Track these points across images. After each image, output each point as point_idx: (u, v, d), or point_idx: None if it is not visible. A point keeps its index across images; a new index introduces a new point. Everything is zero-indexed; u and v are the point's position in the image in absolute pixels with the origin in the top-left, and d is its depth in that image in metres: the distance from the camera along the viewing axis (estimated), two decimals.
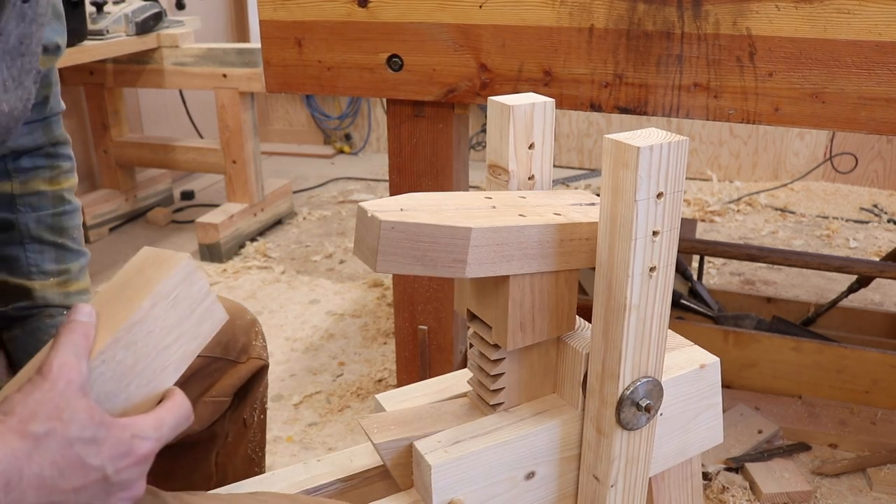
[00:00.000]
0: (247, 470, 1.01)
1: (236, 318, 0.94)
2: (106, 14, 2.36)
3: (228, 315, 0.90)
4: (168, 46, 2.55)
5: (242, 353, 0.94)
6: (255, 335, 0.97)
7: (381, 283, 2.34)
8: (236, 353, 0.94)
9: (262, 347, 0.97)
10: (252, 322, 0.97)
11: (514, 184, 0.75)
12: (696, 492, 0.84)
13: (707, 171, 3.34)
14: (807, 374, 1.63)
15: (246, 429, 0.99)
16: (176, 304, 0.55)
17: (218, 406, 0.93)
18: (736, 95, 1.07)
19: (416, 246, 0.59)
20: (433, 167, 1.30)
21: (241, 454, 1.00)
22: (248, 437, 1.00)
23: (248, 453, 1.01)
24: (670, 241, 0.63)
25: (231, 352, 0.93)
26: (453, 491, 0.67)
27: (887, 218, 2.87)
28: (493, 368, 0.71)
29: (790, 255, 1.77)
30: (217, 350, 0.91)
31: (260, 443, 1.03)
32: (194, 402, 0.90)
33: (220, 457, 0.98)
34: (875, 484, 1.43)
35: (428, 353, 1.46)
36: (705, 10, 1.04)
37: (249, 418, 0.99)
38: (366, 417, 0.73)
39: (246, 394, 0.97)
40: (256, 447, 1.03)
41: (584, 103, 1.16)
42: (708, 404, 0.79)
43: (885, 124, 1.02)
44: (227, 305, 0.95)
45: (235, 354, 0.93)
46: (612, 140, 0.60)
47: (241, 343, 0.94)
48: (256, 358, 0.95)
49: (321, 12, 1.24)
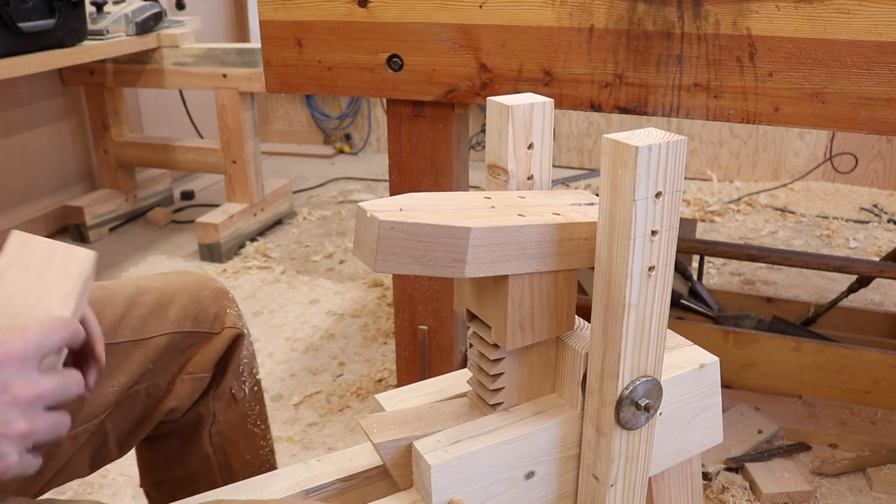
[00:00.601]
0: (250, 444, 0.99)
1: (202, 288, 0.92)
2: (106, 14, 2.36)
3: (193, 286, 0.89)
4: (168, 46, 2.55)
5: (216, 324, 0.92)
6: (229, 303, 0.94)
7: (381, 283, 2.34)
8: (209, 325, 0.91)
9: (237, 315, 0.95)
10: (220, 291, 0.94)
11: (514, 184, 0.75)
12: (696, 492, 0.84)
13: (707, 171, 3.34)
14: (807, 374, 1.63)
15: (237, 402, 0.97)
16: (25, 266, 0.60)
17: (198, 383, 0.91)
18: (736, 95, 1.07)
19: (415, 246, 0.59)
20: (433, 167, 1.30)
21: (240, 430, 0.98)
22: (243, 410, 0.98)
23: (247, 427, 0.98)
24: (669, 241, 0.63)
25: (203, 324, 0.91)
26: (453, 491, 0.67)
27: (887, 218, 2.87)
28: (492, 368, 0.71)
29: (790, 255, 1.77)
30: (187, 324, 0.89)
31: (260, 415, 1.00)
32: (171, 380, 0.89)
33: (214, 436, 0.96)
34: (875, 484, 1.43)
35: (428, 353, 1.46)
36: (705, 10, 1.04)
37: (239, 391, 0.96)
38: (366, 417, 0.73)
39: (226, 366, 0.94)
40: (256, 419, 1.00)
41: (584, 103, 1.16)
42: (707, 404, 0.79)
43: (885, 124, 1.02)
44: (190, 277, 0.94)
45: (208, 326, 0.91)
46: (611, 140, 0.60)
47: (213, 313, 0.92)
48: (231, 327, 0.93)
49: (321, 12, 1.24)
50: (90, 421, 0.81)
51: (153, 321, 0.86)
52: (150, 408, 0.88)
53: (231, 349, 0.94)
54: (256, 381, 0.99)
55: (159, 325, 0.87)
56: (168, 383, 0.89)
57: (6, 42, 1.90)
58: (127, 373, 0.83)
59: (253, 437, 0.99)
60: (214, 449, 0.97)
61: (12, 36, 1.91)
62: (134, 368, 0.84)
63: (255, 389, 0.99)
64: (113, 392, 0.82)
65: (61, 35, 2.09)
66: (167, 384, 0.89)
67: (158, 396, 0.89)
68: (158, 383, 0.88)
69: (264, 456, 1.01)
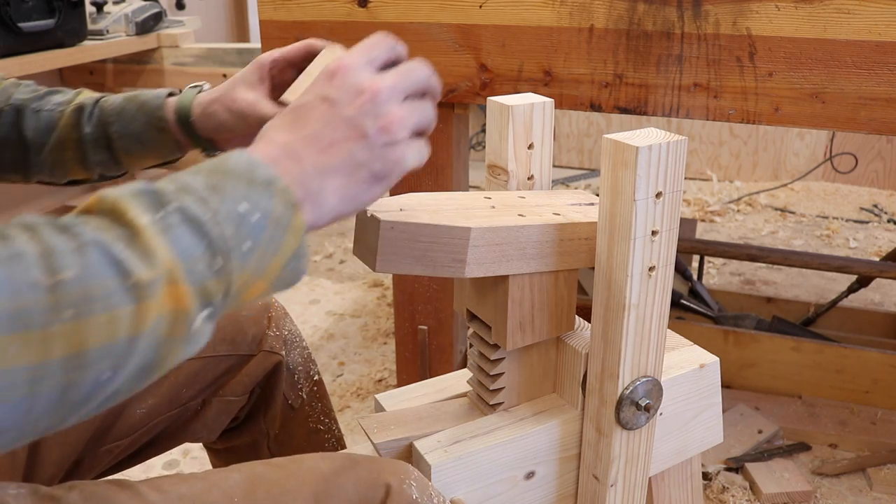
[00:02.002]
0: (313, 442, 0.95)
1: (242, 308, 0.88)
2: (106, 14, 2.36)
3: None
4: (168, 46, 2.55)
5: (254, 345, 0.89)
6: (270, 322, 0.90)
7: (381, 283, 2.34)
8: (247, 347, 0.88)
9: (276, 338, 0.90)
10: (262, 309, 0.90)
11: (514, 184, 0.75)
12: (696, 492, 0.84)
13: (707, 171, 3.34)
14: (807, 374, 1.63)
15: (295, 411, 0.93)
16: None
17: (229, 406, 0.89)
18: (736, 95, 1.07)
19: (415, 246, 0.59)
20: (433, 167, 1.30)
21: (301, 433, 0.94)
22: (303, 414, 0.94)
23: (309, 428, 0.95)
24: (669, 241, 0.63)
25: (240, 346, 0.88)
26: (453, 491, 0.67)
27: (887, 218, 2.87)
28: (492, 368, 0.71)
29: (790, 255, 1.77)
30: (223, 347, 0.86)
31: (322, 410, 0.96)
32: (201, 403, 0.87)
33: (274, 449, 0.94)
34: (875, 484, 1.43)
35: (428, 353, 1.46)
36: (705, 10, 1.04)
37: (296, 399, 0.92)
38: (366, 417, 0.73)
39: (269, 392, 0.91)
40: (319, 416, 0.95)
41: (584, 103, 1.16)
42: (707, 404, 0.79)
43: (885, 124, 1.02)
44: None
45: (246, 348, 0.88)
46: (611, 140, 0.60)
47: (251, 334, 0.89)
48: (268, 351, 0.89)
49: (321, 12, 1.24)
50: (120, 440, 0.81)
51: None
52: (176, 429, 0.87)
53: (271, 375, 0.91)
54: (315, 383, 0.95)
55: None
56: (197, 406, 0.87)
57: (6, 42, 1.90)
58: (157, 395, 0.82)
59: (316, 434, 0.96)
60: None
61: (12, 36, 1.91)
62: (165, 391, 0.83)
63: (314, 390, 0.95)
64: (140, 414, 0.81)
65: (61, 35, 2.09)
66: (197, 406, 0.87)
67: (186, 417, 0.87)
68: (188, 405, 0.86)
69: (331, 448, 0.97)
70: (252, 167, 0.46)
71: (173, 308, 0.40)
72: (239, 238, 0.43)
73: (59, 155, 0.82)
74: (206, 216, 0.42)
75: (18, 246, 0.36)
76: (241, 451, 0.96)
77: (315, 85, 0.52)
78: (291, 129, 0.50)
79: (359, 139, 0.50)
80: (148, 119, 0.79)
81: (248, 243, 0.43)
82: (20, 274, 0.35)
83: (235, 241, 0.43)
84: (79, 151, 0.81)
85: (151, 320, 0.39)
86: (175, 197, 0.42)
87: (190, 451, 1.57)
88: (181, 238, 0.40)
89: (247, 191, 0.44)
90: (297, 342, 0.94)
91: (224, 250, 0.42)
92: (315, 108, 0.51)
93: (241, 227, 0.43)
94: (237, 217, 0.43)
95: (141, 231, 0.39)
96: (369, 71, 0.53)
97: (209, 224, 0.42)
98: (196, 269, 0.41)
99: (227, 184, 0.44)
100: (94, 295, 0.37)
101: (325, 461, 0.62)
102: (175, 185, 0.43)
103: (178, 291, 0.40)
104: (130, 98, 0.81)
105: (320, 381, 0.97)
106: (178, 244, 0.40)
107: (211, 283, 0.42)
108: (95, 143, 0.81)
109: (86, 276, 0.37)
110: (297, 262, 0.47)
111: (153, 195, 0.42)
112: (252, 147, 0.50)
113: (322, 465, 0.62)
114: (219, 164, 0.46)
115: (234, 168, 0.45)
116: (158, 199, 0.41)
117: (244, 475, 0.60)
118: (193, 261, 0.41)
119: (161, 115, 0.79)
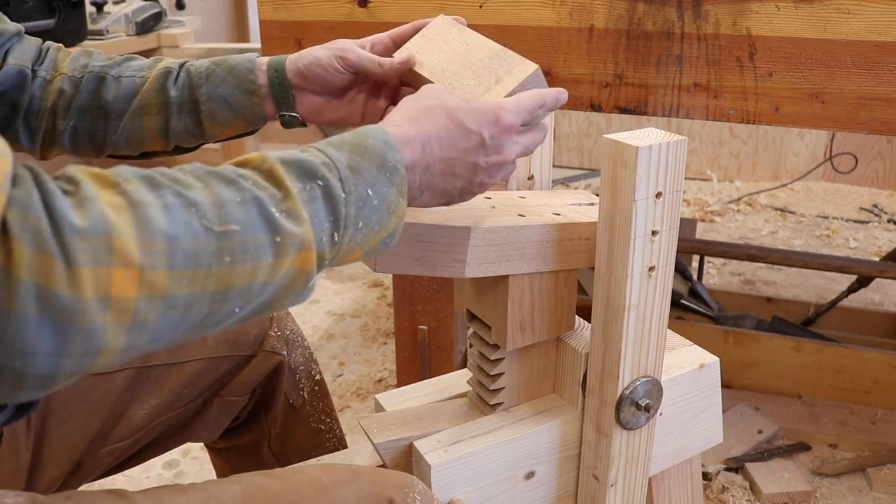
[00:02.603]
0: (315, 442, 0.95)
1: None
2: (106, 14, 2.36)
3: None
4: (168, 46, 2.55)
5: (255, 346, 0.89)
6: (272, 322, 0.91)
7: (381, 283, 2.34)
8: (248, 347, 0.88)
9: (277, 337, 0.90)
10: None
11: (514, 184, 0.75)
12: (696, 492, 0.84)
13: (707, 171, 3.34)
14: (807, 374, 1.63)
15: (296, 410, 0.93)
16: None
17: (230, 406, 0.89)
18: (736, 95, 1.07)
19: (415, 246, 0.59)
20: None
21: (302, 432, 0.95)
22: (304, 413, 0.94)
23: (310, 427, 0.95)
24: (669, 241, 0.63)
25: (242, 347, 0.88)
26: (453, 491, 0.67)
27: (887, 218, 2.87)
28: (492, 368, 0.71)
29: (790, 255, 1.77)
30: (225, 348, 0.87)
31: (324, 409, 0.96)
32: (202, 404, 0.88)
33: (274, 448, 0.94)
34: (875, 484, 1.43)
35: (428, 353, 1.46)
36: (705, 10, 1.04)
37: (297, 399, 0.93)
38: (366, 417, 0.73)
39: (271, 392, 0.91)
40: (320, 415, 0.96)
41: (584, 103, 1.16)
42: (707, 404, 0.79)
43: (885, 124, 1.02)
44: None
45: (247, 349, 0.88)
46: (612, 140, 0.60)
47: (253, 335, 0.89)
48: (269, 351, 0.89)
49: (321, 12, 1.24)
50: (122, 441, 0.81)
51: (190, 345, 0.84)
52: (178, 429, 0.87)
53: (273, 375, 0.91)
54: (317, 382, 0.96)
55: (196, 349, 0.84)
56: (199, 406, 0.87)
57: None
58: (159, 396, 0.82)
59: (318, 434, 0.96)
60: (277, 458, 0.94)
61: None
62: (167, 393, 0.83)
63: (315, 389, 0.95)
64: (143, 415, 0.81)
65: (61, 35, 2.09)
66: (198, 407, 0.87)
67: (187, 418, 0.87)
68: (190, 406, 0.86)
69: (332, 447, 0.97)
70: (386, 149, 0.52)
71: (300, 268, 0.47)
72: (358, 217, 0.50)
73: (140, 121, 0.81)
74: (342, 196, 0.49)
75: (196, 194, 0.43)
76: (242, 451, 0.96)
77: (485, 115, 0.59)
78: (444, 144, 0.57)
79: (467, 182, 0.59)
80: (238, 82, 0.78)
81: (362, 222, 0.51)
82: (198, 221, 0.42)
83: (355, 219, 0.50)
84: (161, 117, 0.80)
85: (282, 273, 0.46)
86: (322, 172, 0.49)
87: (190, 451, 1.57)
88: (319, 211, 0.48)
89: (376, 175, 0.51)
90: (298, 342, 0.93)
91: (345, 226, 0.49)
92: (470, 140, 0.58)
93: (363, 208, 0.50)
94: (362, 199, 0.50)
95: (293, 197, 0.46)
96: (518, 131, 0.61)
97: (342, 204, 0.49)
98: (322, 240, 0.48)
99: (364, 165, 0.51)
100: (248, 246, 0.44)
101: (326, 473, 0.62)
102: (323, 158, 0.50)
103: (307, 256, 0.47)
104: (218, 62, 0.80)
105: (321, 380, 0.97)
106: (316, 216, 0.47)
107: (328, 252, 0.49)
108: (181, 106, 0.80)
109: (245, 229, 0.44)
110: (392, 239, 0.54)
111: (305, 165, 0.49)
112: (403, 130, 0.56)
113: (324, 477, 0.61)
114: (361, 139, 0.52)
115: (371, 147, 0.52)
116: (309, 170, 0.49)
117: (244, 486, 0.60)
118: (322, 232, 0.48)
119: (252, 77, 0.77)
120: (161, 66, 0.81)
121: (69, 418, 0.76)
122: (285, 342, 0.91)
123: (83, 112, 0.80)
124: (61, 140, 0.81)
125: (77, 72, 0.80)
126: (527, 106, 0.61)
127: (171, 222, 0.41)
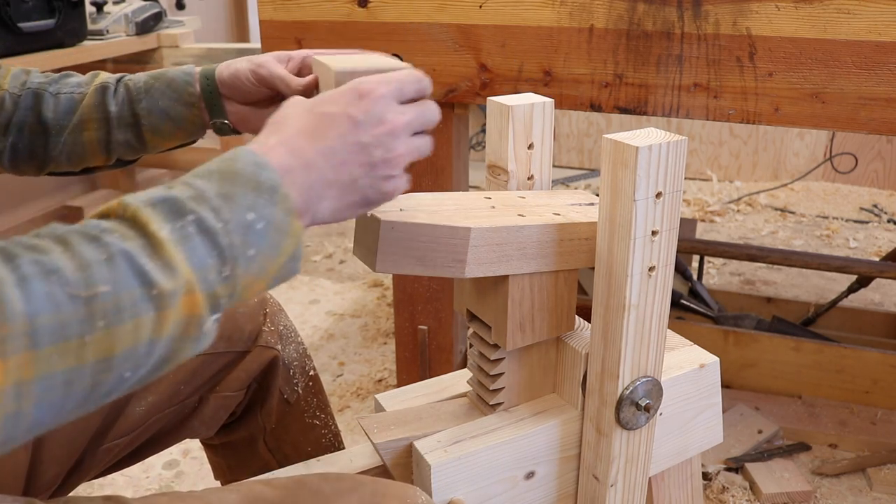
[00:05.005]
0: (310, 437, 0.96)
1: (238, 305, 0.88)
2: (106, 14, 2.36)
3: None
4: (168, 46, 2.55)
5: (250, 341, 0.89)
6: (265, 318, 0.91)
7: (381, 283, 2.34)
8: (243, 343, 0.89)
9: (272, 332, 0.91)
10: (258, 305, 0.91)
11: (514, 184, 0.75)
12: (696, 492, 0.84)
13: (707, 171, 3.34)
14: (807, 374, 1.63)
15: (291, 405, 0.94)
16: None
17: (226, 401, 0.89)
18: (736, 95, 1.07)
19: (415, 246, 0.59)
20: (433, 167, 1.30)
21: (297, 427, 0.95)
22: (299, 409, 0.95)
23: (305, 423, 0.95)
24: (669, 241, 0.63)
25: (237, 343, 0.88)
26: (453, 491, 0.67)
27: (887, 218, 2.87)
28: (492, 368, 0.71)
29: (790, 255, 1.77)
30: (220, 344, 0.87)
31: (318, 405, 0.97)
32: (199, 400, 0.88)
33: (270, 443, 0.94)
34: (875, 484, 1.43)
35: (428, 353, 1.46)
36: (705, 10, 1.04)
37: (291, 394, 0.93)
38: (366, 417, 0.73)
39: (266, 386, 0.92)
40: (315, 411, 0.96)
41: (584, 103, 1.16)
42: (707, 404, 0.79)
43: (885, 124, 1.02)
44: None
45: (242, 344, 0.89)
46: (611, 140, 0.60)
47: (248, 330, 0.89)
48: (264, 346, 0.90)
49: (321, 12, 1.24)
50: (120, 438, 0.81)
51: None
52: (175, 426, 0.88)
53: (267, 370, 0.91)
54: (311, 378, 0.96)
55: None
56: (195, 403, 0.88)
57: (6, 42, 1.90)
58: (157, 392, 0.83)
59: (312, 429, 0.96)
60: (273, 454, 0.95)
61: (12, 36, 1.91)
62: (164, 389, 0.83)
63: (309, 385, 0.96)
64: (140, 413, 0.82)
65: (61, 35, 2.09)
66: (195, 403, 0.88)
67: (184, 414, 0.87)
68: (186, 402, 0.87)
69: (327, 443, 0.98)
70: (258, 170, 0.48)
71: (188, 314, 0.43)
72: (245, 246, 0.46)
73: (80, 137, 0.81)
74: (219, 226, 0.45)
75: (55, 260, 0.39)
76: (237, 446, 0.96)
77: (343, 95, 0.55)
78: (312, 137, 0.53)
79: (365, 165, 0.54)
80: (178, 95, 0.79)
81: (253, 250, 0.47)
82: (60, 289, 0.38)
83: (242, 248, 0.46)
84: (102, 131, 0.81)
85: (169, 325, 0.42)
86: (191, 206, 0.45)
87: (190, 451, 1.57)
88: (197, 249, 0.44)
89: (254, 199, 0.47)
90: (292, 337, 0.94)
91: (232, 258, 0.45)
92: (338, 123, 0.53)
93: (248, 235, 0.46)
94: (245, 226, 0.46)
95: (162, 243, 0.42)
96: (396, 103, 0.56)
97: (221, 234, 0.45)
98: (209, 278, 0.44)
99: (237, 191, 0.47)
100: (122, 305, 0.40)
101: (327, 482, 0.62)
102: (190, 192, 0.46)
103: (194, 299, 0.43)
104: (156, 76, 0.81)
105: (316, 376, 0.97)
106: (195, 255, 0.44)
107: (220, 289, 0.45)
108: (121, 121, 0.81)
109: (116, 288, 0.40)
110: (294, 262, 0.50)
111: (171, 204, 0.44)
112: (267, 144, 0.52)
113: (324, 486, 0.61)
114: (228, 165, 0.48)
115: (241, 171, 0.48)
116: (176, 208, 0.44)
117: (242, 495, 0.59)
118: (207, 270, 0.44)
119: (192, 90, 0.79)
120: (98, 81, 0.82)
121: None
122: (279, 337, 0.92)
123: (21, 129, 0.81)
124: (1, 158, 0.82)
125: (16, 89, 0.81)
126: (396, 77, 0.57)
127: (29, 298, 0.37)
